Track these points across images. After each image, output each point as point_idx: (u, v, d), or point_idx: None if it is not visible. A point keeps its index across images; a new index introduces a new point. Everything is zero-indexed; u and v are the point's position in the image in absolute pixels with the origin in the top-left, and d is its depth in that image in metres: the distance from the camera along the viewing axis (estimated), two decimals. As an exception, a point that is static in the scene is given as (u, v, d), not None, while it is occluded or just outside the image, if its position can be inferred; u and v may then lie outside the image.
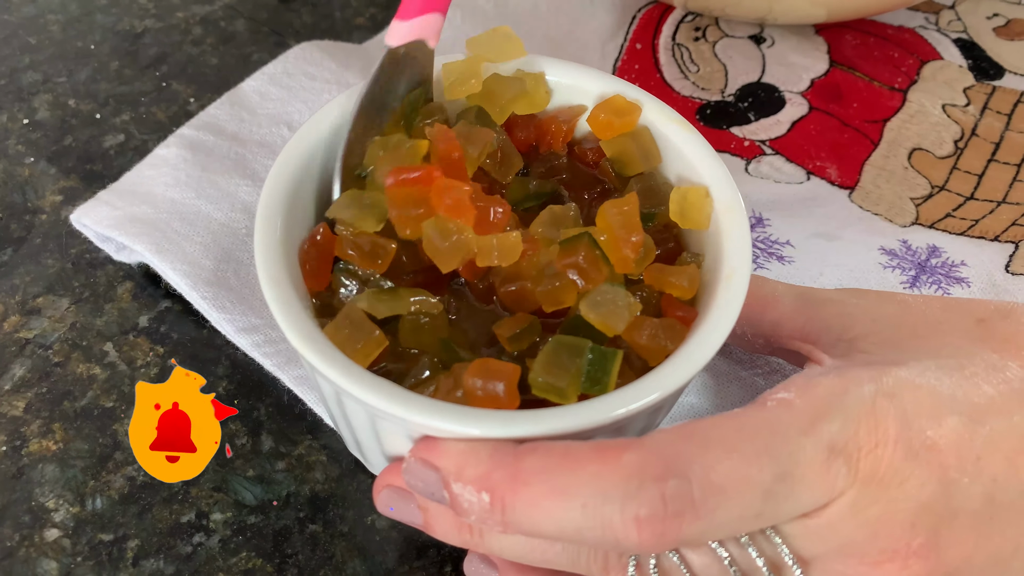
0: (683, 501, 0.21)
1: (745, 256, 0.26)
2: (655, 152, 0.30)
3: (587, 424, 0.23)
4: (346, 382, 0.24)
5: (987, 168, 0.42)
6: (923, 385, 0.24)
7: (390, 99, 0.29)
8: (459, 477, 0.23)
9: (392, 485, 0.26)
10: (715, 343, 0.25)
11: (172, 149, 0.39)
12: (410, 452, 0.24)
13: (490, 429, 0.23)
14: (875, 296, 0.28)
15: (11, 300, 0.37)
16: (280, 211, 0.27)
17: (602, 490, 0.22)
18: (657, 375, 0.24)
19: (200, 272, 0.35)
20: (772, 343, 0.29)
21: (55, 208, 0.40)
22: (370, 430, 0.26)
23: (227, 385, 0.34)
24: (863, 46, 0.47)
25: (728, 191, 0.28)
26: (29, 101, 0.43)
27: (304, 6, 0.49)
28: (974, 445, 0.23)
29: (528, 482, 0.22)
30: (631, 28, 0.48)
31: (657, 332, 0.25)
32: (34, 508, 0.32)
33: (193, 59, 0.45)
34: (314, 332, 0.25)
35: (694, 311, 0.26)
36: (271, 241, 0.26)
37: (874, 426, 0.23)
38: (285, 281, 0.26)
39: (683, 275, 0.26)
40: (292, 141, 0.28)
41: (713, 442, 0.22)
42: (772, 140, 0.43)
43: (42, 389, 0.34)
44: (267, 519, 0.31)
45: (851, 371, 0.24)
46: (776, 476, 0.22)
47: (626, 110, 0.30)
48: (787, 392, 0.24)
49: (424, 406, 0.23)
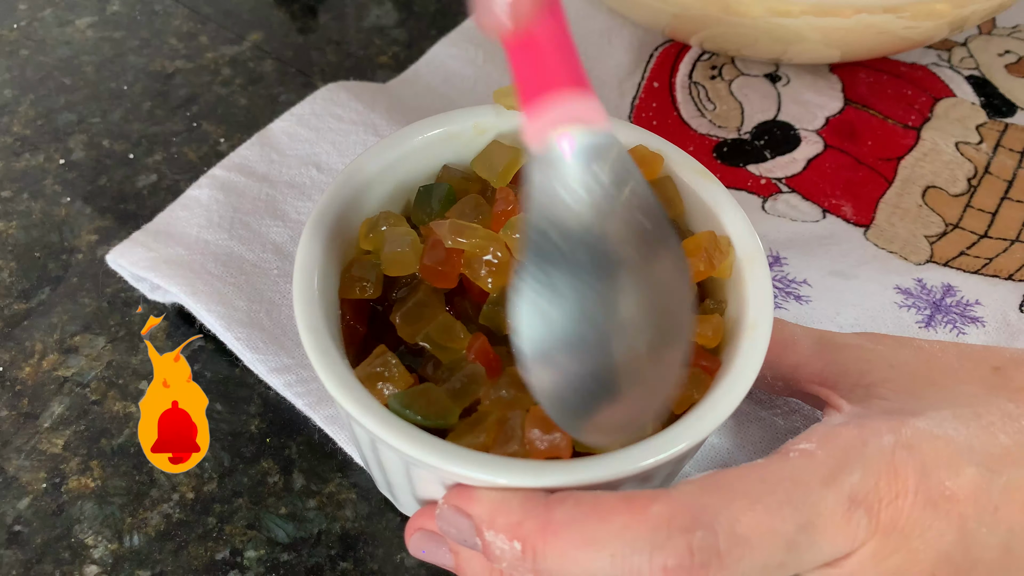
0: (709, 552, 0.22)
1: (767, 307, 0.27)
2: (678, 202, 0.31)
3: (616, 475, 0.24)
4: (383, 431, 0.24)
5: (1000, 206, 0.43)
6: (941, 436, 0.24)
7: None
8: (491, 525, 0.24)
9: (424, 528, 0.27)
10: (739, 393, 0.25)
11: (204, 190, 0.40)
12: (443, 499, 0.25)
13: (522, 479, 0.24)
14: (892, 341, 0.29)
15: (49, 339, 0.38)
16: (317, 261, 0.28)
17: (630, 541, 0.22)
18: (683, 425, 0.25)
19: (234, 313, 0.36)
20: (791, 386, 0.30)
21: (91, 247, 0.41)
22: (403, 475, 0.27)
23: (259, 423, 0.35)
24: (877, 84, 0.48)
25: (750, 241, 0.29)
26: (65, 141, 0.45)
27: (329, 45, 0.50)
28: (992, 496, 0.24)
29: (558, 532, 0.23)
30: (648, 67, 0.49)
31: (683, 381, 0.26)
32: (74, 545, 0.33)
33: (222, 99, 0.47)
34: (350, 380, 0.26)
35: (718, 361, 0.27)
36: (309, 291, 0.27)
37: (894, 477, 0.23)
38: (322, 329, 0.27)
39: (708, 324, 0.27)
40: (328, 192, 0.29)
41: (737, 494, 0.23)
42: (788, 178, 0.44)
43: (80, 427, 0.35)
44: (299, 556, 0.32)
45: (870, 422, 0.25)
46: (798, 527, 0.23)
47: (649, 160, 0.31)
48: (808, 443, 0.24)
49: (458, 456, 0.24)
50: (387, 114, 0.43)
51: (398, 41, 0.51)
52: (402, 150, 0.31)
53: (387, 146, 0.30)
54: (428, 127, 0.31)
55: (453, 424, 0.26)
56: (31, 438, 0.35)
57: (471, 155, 0.31)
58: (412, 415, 0.25)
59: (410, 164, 0.31)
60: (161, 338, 0.38)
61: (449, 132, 0.31)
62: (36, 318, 0.38)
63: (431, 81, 0.47)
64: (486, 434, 0.25)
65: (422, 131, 0.31)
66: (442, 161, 0.32)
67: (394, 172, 0.31)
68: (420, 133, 0.31)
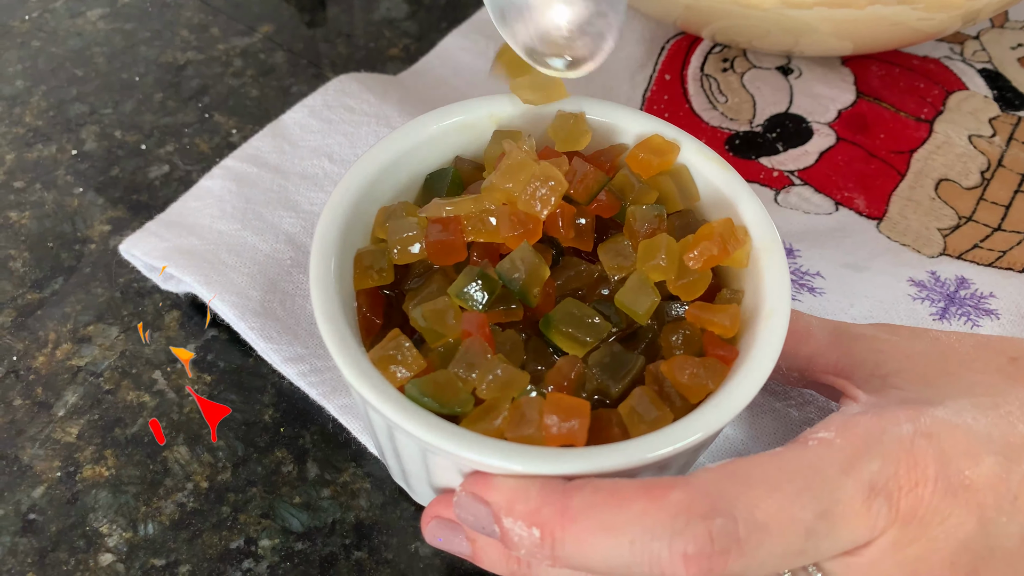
0: (729, 538, 0.22)
1: (784, 296, 0.27)
2: (693, 190, 0.31)
3: (632, 463, 0.24)
4: (400, 418, 0.24)
5: (1014, 199, 0.43)
6: (960, 425, 0.24)
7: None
8: (510, 512, 0.24)
9: (441, 516, 0.27)
10: (757, 383, 0.25)
11: (217, 181, 0.40)
12: (461, 486, 0.25)
13: (537, 466, 0.24)
14: (907, 332, 0.29)
15: (63, 328, 0.38)
16: (334, 249, 0.28)
17: (650, 527, 0.22)
18: (700, 415, 0.25)
19: (247, 303, 0.36)
20: (806, 376, 0.30)
21: (103, 238, 0.41)
22: (420, 463, 0.27)
23: (273, 413, 0.36)
24: (889, 77, 0.48)
25: (767, 229, 0.29)
26: (77, 132, 0.45)
27: (339, 37, 0.50)
28: (1011, 485, 0.24)
29: (577, 518, 0.23)
30: (660, 59, 0.49)
31: (698, 371, 0.26)
32: (88, 533, 0.33)
33: (234, 91, 0.47)
34: (367, 367, 0.26)
35: (735, 350, 0.27)
36: (326, 279, 0.27)
37: (913, 465, 0.23)
38: (339, 317, 0.27)
39: (725, 314, 0.27)
40: (343, 181, 0.29)
41: (757, 481, 0.23)
42: (800, 171, 0.44)
43: (94, 416, 0.35)
44: (314, 545, 0.32)
45: (889, 410, 0.25)
46: (818, 514, 0.23)
47: (665, 149, 0.30)
48: (827, 431, 0.24)
49: (477, 443, 0.24)
50: (399, 106, 0.43)
51: (408, 33, 0.51)
52: (416, 139, 0.31)
53: (401, 135, 0.30)
54: (443, 116, 0.31)
55: (469, 411, 0.26)
56: (45, 427, 0.35)
57: (486, 144, 0.31)
58: (431, 403, 0.25)
59: (425, 153, 0.31)
60: (174, 328, 0.38)
61: (464, 122, 0.31)
62: (49, 308, 0.38)
63: (442, 73, 0.47)
64: (501, 419, 0.25)
65: (437, 120, 0.31)
66: (458, 150, 0.32)
67: (409, 161, 0.31)
68: (435, 122, 0.31)
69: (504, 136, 0.30)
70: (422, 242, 0.27)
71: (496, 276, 0.26)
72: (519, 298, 0.27)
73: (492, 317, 0.27)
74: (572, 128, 0.30)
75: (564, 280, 0.28)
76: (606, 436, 0.25)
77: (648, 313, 0.27)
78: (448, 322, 0.26)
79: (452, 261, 0.27)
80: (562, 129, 0.30)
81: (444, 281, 0.27)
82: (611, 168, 0.31)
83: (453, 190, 0.30)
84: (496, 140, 0.31)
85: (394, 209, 0.29)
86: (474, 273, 0.26)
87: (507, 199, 0.27)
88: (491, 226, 0.27)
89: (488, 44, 0.48)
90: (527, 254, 0.27)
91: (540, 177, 0.27)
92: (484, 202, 0.27)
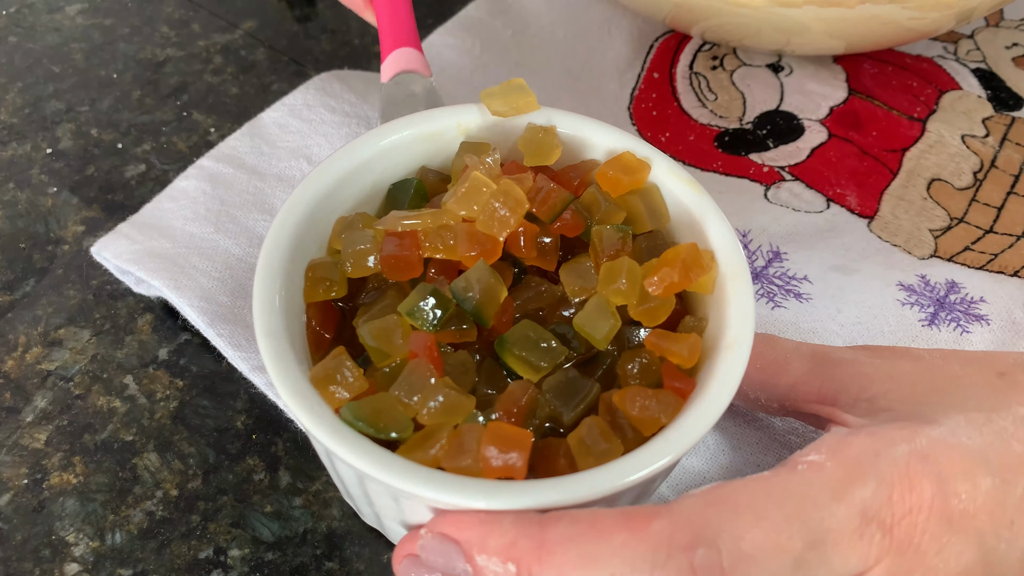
0: (712, 571, 0.21)
1: (748, 326, 0.26)
2: (663, 211, 0.30)
3: (576, 498, 0.23)
4: (333, 442, 0.23)
5: (1006, 201, 0.42)
6: (956, 445, 0.23)
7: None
8: (483, 549, 0.23)
9: (412, 554, 0.26)
10: (711, 418, 0.24)
11: (192, 181, 0.39)
12: (425, 527, 0.24)
13: (513, 501, 0.22)
14: (889, 352, 0.28)
15: (33, 331, 0.37)
16: (282, 263, 0.27)
17: (630, 560, 0.21)
18: (648, 450, 0.24)
19: (217, 309, 0.35)
20: (787, 407, 0.29)
21: (77, 238, 0.40)
22: (361, 490, 0.26)
23: (245, 419, 0.35)
24: (881, 75, 0.47)
25: (734, 256, 0.28)
26: (52, 130, 0.44)
27: (323, 33, 0.49)
28: (1007, 509, 0.23)
29: (555, 552, 0.22)
30: (648, 57, 0.48)
31: (650, 403, 0.25)
32: (54, 542, 0.32)
33: (214, 88, 0.46)
34: (305, 388, 0.24)
35: (692, 382, 0.26)
36: (270, 295, 0.26)
37: (908, 490, 0.22)
38: (281, 332, 0.25)
39: (685, 344, 0.26)
40: (300, 187, 0.28)
41: (743, 508, 0.22)
42: (792, 166, 0.43)
43: (63, 422, 0.35)
44: (284, 556, 0.32)
45: (883, 431, 0.24)
46: (807, 544, 0.22)
47: (635, 167, 0.29)
48: (817, 454, 0.23)
49: (408, 472, 0.23)
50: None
51: (393, 30, 0.50)
52: (378, 148, 0.30)
53: (362, 144, 0.29)
54: (409, 124, 0.30)
55: (407, 437, 0.24)
56: (13, 433, 0.34)
57: (454, 154, 0.30)
58: (364, 427, 0.23)
59: (390, 161, 0.30)
60: (147, 332, 0.37)
61: (429, 131, 0.30)
62: (20, 310, 0.38)
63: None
64: (438, 448, 0.24)
65: (403, 128, 0.30)
66: (424, 160, 0.31)
67: (372, 169, 0.30)
68: (401, 131, 0.30)
69: (470, 149, 0.29)
70: (377, 255, 0.26)
71: (450, 295, 0.25)
72: (473, 318, 0.26)
73: (445, 337, 0.26)
74: (542, 142, 0.29)
75: (524, 300, 0.27)
76: (552, 468, 0.24)
77: (607, 338, 0.26)
78: (395, 341, 0.25)
79: (407, 277, 0.26)
80: (532, 142, 0.29)
81: (398, 297, 0.26)
82: (581, 184, 0.30)
83: (416, 202, 0.29)
84: (462, 152, 0.29)
85: (352, 220, 0.28)
86: (426, 291, 0.25)
87: (468, 215, 0.27)
88: (449, 243, 0.26)
89: (474, 42, 0.47)
90: (483, 273, 0.25)
91: (500, 196, 0.26)
92: (443, 217, 0.26)
